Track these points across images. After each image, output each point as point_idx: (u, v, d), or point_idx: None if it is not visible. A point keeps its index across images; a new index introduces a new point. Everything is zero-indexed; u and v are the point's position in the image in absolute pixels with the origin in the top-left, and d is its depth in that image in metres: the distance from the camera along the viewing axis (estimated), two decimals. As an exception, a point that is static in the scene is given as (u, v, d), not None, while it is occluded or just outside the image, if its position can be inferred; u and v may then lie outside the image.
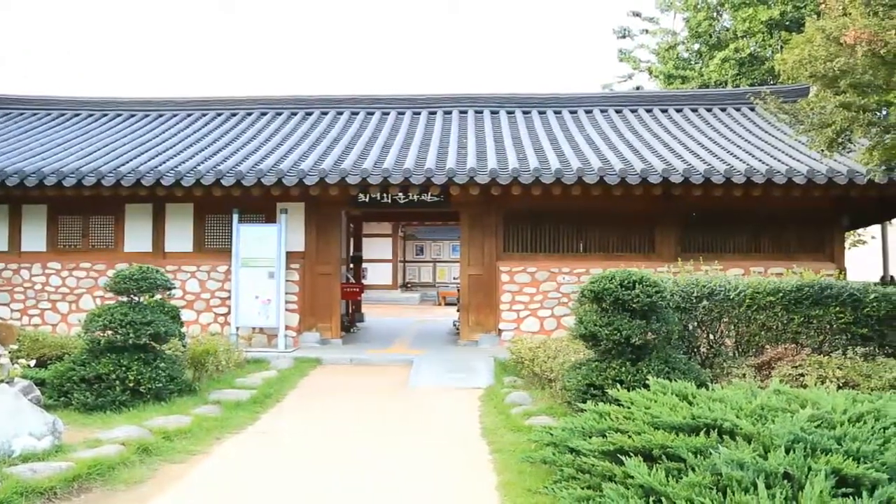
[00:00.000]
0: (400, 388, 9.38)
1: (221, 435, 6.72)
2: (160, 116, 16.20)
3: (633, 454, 4.13)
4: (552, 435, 5.07)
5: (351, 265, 16.86)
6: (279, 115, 15.92)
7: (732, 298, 8.22)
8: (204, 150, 13.43)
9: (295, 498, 5.05)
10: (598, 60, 55.97)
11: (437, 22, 62.38)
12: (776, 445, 3.82)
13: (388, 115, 15.68)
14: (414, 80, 55.14)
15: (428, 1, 60.14)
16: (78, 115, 16.41)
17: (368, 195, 12.49)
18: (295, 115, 15.88)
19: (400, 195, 12.48)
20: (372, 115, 15.74)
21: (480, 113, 15.65)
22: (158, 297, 8.39)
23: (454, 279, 25.63)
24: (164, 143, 14.03)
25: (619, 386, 5.90)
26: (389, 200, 12.61)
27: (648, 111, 15.74)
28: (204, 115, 16.11)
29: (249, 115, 16.00)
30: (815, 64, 7.60)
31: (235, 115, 16.04)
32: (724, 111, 15.62)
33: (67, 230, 13.25)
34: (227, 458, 6.05)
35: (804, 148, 11.80)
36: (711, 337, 8.50)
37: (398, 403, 8.38)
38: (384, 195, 12.49)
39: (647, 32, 25.28)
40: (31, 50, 57.72)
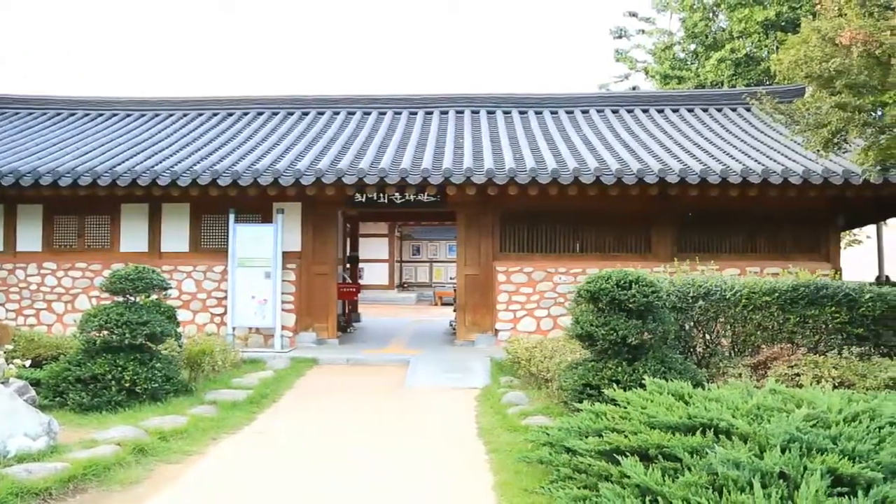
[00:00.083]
0: (396, 388, 9.38)
1: (218, 435, 6.71)
2: (156, 116, 16.17)
3: (629, 454, 4.13)
4: (549, 435, 5.07)
5: (347, 265, 16.85)
6: (275, 114, 15.90)
7: (728, 298, 8.24)
8: (200, 149, 13.41)
9: (291, 498, 5.04)
10: (594, 60, 56.07)
11: (436, 22, 62.42)
12: (772, 445, 3.83)
13: (384, 115, 15.67)
14: (413, 79, 55.22)
15: (428, 1, 60.17)
16: (74, 114, 16.37)
17: (365, 195, 12.49)
18: (291, 114, 15.86)
19: (396, 195, 12.47)
20: (368, 115, 15.73)
21: (477, 113, 15.65)
22: (154, 297, 8.38)
23: (451, 279, 25.65)
24: (160, 142, 14.00)
25: (615, 386, 5.91)
26: (386, 200, 12.60)
27: (645, 111, 15.76)
28: (200, 114, 16.08)
29: (246, 114, 15.98)
30: (810, 64, 7.61)
31: (232, 114, 16.02)
32: (720, 111, 15.65)
33: (63, 230, 13.21)
34: (223, 458, 6.04)
35: (800, 148, 11.84)
36: (707, 337, 8.51)
37: (394, 403, 8.38)
38: (381, 195, 12.49)
39: (643, 33, 25.34)
40: (31, 50, 57.66)
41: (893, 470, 3.67)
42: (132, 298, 8.09)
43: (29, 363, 7.50)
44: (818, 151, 8.62)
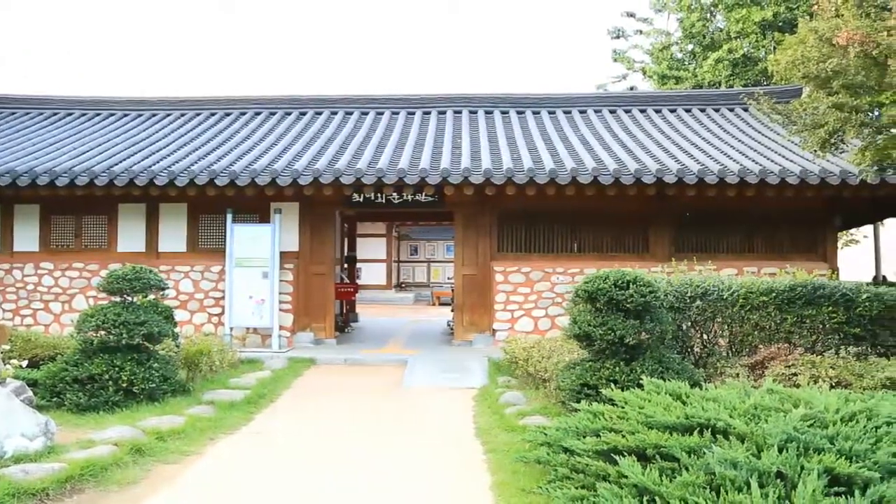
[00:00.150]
0: (394, 388, 9.38)
1: (215, 435, 6.70)
2: (154, 116, 16.15)
3: (626, 454, 4.14)
4: (546, 435, 5.08)
5: (345, 265, 16.84)
6: (273, 114, 15.89)
7: (726, 298, 8.25)
8: (198, 149, 13.39)
9: (289, 498, 5.04)
10: (592, 61, 56.08)
11: (436, 22, 62.42)
12: (769, 445, 3.83)
13: (382, 115, 15.66)
14: (412, 79, 55.23)
15: (428, 1, 60.17)
16: (71, 114, 16.34)
17: (363, 195, 12.48)
18: (289, 114, 15.85)
19: (394, 195, 12.47)
20: (366, 115, 15.72)
21: (475, 113, 15.65)
22: (152, 297, 8.37)
23: (448, 279, 25.66)
24: (157, 142, 13.98)
25: (613, 386, 5.91)
26: (384, 200, 12.60)
27: (642, 111, 15.77)
28: (198, 114, 16.06)
29: (243, 114, 15.96)
30: (807, 65, 7.63)
31: (229, 114, 16.01)
32: (717, 111, 15.67)
33: (60, 230, 13.18)
34: (220, 458, 6.03)
35: (797, 148, 11.85)
36: (705, 337, 8.52)
37: (392, 403, 8.37)
38: (378, 195, 12.48)
39: (641, 33, 25.35)
40: (31, 50, 57.55)
41: (890, 469, 3.68)
42: (129, 298, 8.07)
43: (26, 363, 7.48)
44: (815, 152, 8.63)
